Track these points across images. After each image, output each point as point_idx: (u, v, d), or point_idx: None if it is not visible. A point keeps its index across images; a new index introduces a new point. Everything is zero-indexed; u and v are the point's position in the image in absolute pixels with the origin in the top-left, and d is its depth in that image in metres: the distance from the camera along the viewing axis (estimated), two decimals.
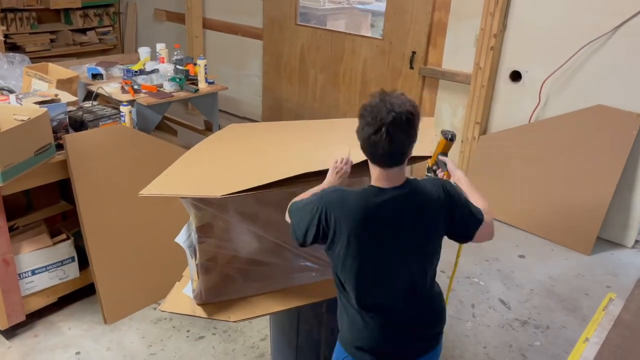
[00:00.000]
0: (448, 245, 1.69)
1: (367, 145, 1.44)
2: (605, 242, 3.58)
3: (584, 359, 2.44)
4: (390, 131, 1.38)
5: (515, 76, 3.74)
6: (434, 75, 4.10)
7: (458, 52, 3.95)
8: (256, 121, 5.44)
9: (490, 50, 3.67)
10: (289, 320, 2.23)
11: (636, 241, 3.60)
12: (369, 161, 1.50)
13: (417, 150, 1.68)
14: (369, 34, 4.95)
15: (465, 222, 1.58)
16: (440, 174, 1.92)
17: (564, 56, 3.45)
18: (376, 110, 1.40)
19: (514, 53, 3.69)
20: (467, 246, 3.47)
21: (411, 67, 4.18)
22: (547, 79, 3.56)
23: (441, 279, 1.75)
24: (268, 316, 2.49)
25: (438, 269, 1.67)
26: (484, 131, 3.94)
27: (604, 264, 3.40)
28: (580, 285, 3.18)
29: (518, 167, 3.72)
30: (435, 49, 4.07)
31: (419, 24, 4.06)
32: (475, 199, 1.68)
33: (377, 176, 1.50)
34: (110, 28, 6.27)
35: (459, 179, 1.81)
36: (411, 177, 1.55)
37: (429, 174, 1.97)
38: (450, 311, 2.88)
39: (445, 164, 1.85)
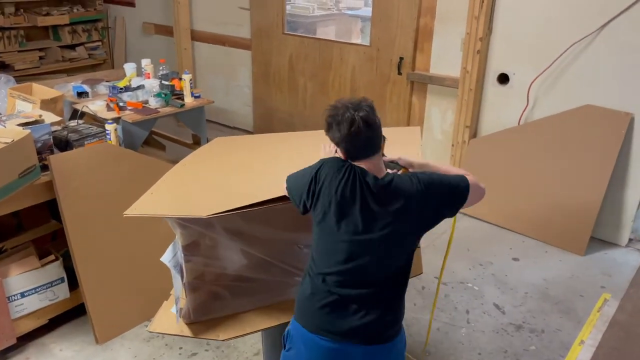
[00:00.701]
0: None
1: (348, 141, 1.56)
2: (599, 241, 3.58)
3: None
4: (363, 117, 1.54)
5: (503, 79, 3.74)
6: (422, 80, 4.10)
7: (445, 57, 3.95)
8: (248, 131, 5.44)
9: (477, 54, 3.67)
10: (280, 335, 2.22)
11: (630, 240, 3.60)
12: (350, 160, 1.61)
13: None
14: (359, 40, 4.96)
15: (453, 197, 1.67)
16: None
17: (551, 57, 3.45)
18: (343, 109, 1.57)
19: (501, 56, 3.69)
20: (461, 250, 3.48)
21: (399, 73, 4.18)
22: (534, 80, 3.56)
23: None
24: (261, 332, 2.49)
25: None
26: (474, 134, 3.94)
27: (598, 264, 3.39)
28: (574, 287, 3.17)
29: (509, 169, 3.72)
30: (422, 54, 4.07)
31: (405, 30, 4.06)
32: (448, 170, 1.77)
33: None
34: (100, 43, 6.27)
35: (421, 165, 1.80)
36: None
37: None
38: (444, 318, 2.87)
39: (395, 164, 1.79)
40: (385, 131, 1.65)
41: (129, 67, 3.43)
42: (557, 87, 3.53)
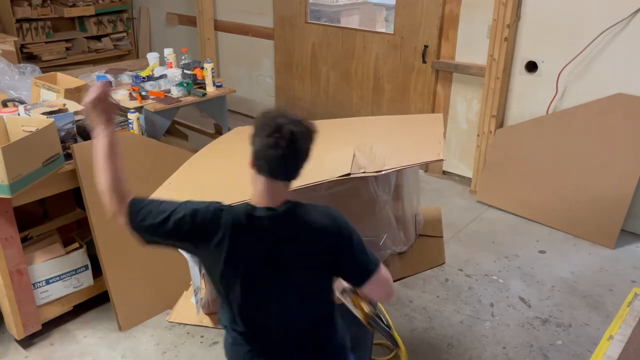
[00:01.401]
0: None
1: (264, 153, 1.33)
2: (630, 234, 3.46)
3: (608, 357, 2.35)
4: (295, 135, 1.31)
5: (531, 67, 3.64)
6: (447, 68, 4.02)
7: (471, 44, 3.86)
8: None
9: (504, 41, 3.57)
10: None
11: None
12: (254, 174, 1.39)
13: (422, 154, 1.62)
14: (383, 29, 4.89)
15: (358, 266, 1.40)
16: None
17: (581, 44, 3.34)
18: (276, 119, 1.33)
19: (529, 43, 3.59)
20: (486, 243, 3.40)
21: (424, 61, 4.11)
22: (563, 68, 3.46)
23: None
24: None
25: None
26: (500, 124, 3.85)
27: (628, 258, 3.28)
28: (603, 281, 3.08)
29: (536, 160, 3.62)
30: (447, 41, 3.99)
31: (430, 17, 3.98)
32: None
33: (259, 191, 1.40)
34: (125, 34, 6.33)
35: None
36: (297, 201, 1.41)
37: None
38: (468, 311, 2.82)
39: (350, 292, 1.51)
40: (406, 118, 1.61)
41: (152, 57, 3.44)
42: (587, 75, 3.42)
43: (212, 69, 3.12)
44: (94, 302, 2.77)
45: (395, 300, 2.89)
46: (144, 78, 3.16)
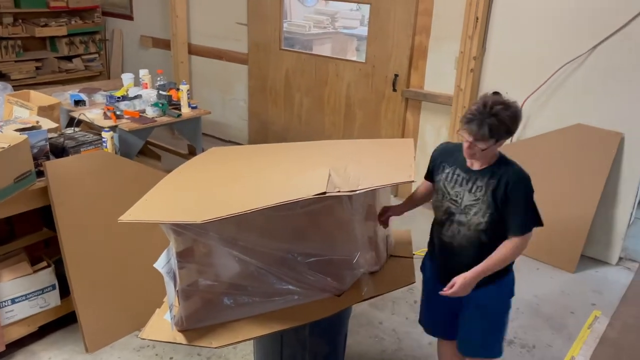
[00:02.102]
0: None
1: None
2: (590, 259, 3.61)
3: None
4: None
5: None
6: (416, 97, 4.15)
7: (439, 75, 4.01)
8: (243, 145, 5.46)
9: (471, 72, 3.73)
10: (272, 345, 2.22)
11: (620, 258, 3.63)
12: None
13: (394, 176, 1.69)
14: (354, 58, 5.02)
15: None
16: None
17: (543, 77, 3.52)
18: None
19: (494, 74, 3.75)
20: None
21: (394, 90, 4.24)
22: (526, 99, 3.62)
23: None
24: (252, 341, 2.48)
25: None
26: None
27: (588, 282, 3.41)
28: (565, 304, 3.19)
29: None
30: (417, 71, 4.13)
31: (400, 48, 4.12)
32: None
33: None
34: (97, 55, 6.30)
35: None
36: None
37: None
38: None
39: None
40: (379, 142, 1.68)
41: (127, 77, 3.46)
42: (548, 106, 3.59)
43: (188, 90, 3.16)
44: (60, 322, 2.71)
45: (365, 321, 2.93)
46: (118, 98, 3.17)
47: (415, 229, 2.63)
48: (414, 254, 2.34)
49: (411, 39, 4.05)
